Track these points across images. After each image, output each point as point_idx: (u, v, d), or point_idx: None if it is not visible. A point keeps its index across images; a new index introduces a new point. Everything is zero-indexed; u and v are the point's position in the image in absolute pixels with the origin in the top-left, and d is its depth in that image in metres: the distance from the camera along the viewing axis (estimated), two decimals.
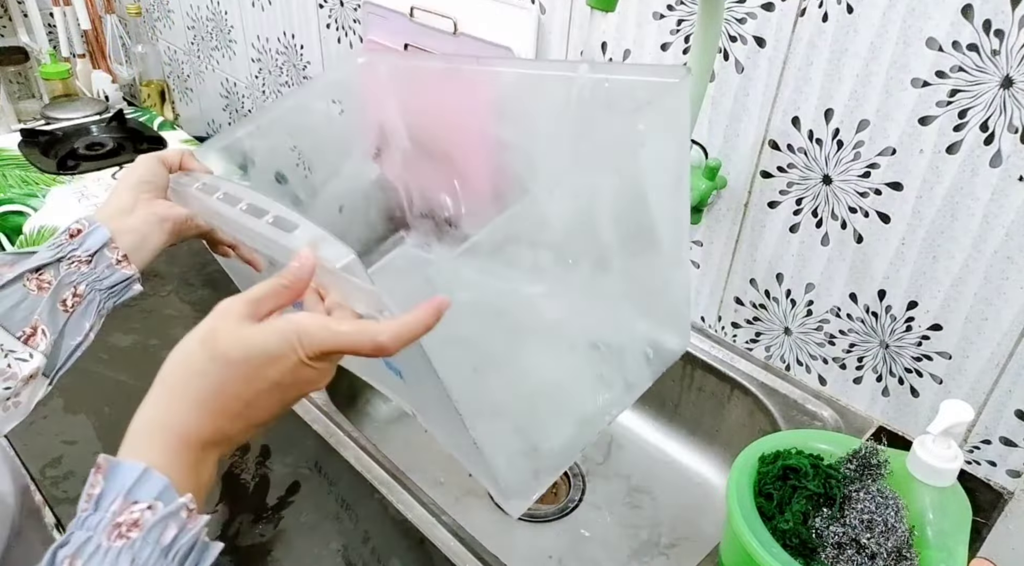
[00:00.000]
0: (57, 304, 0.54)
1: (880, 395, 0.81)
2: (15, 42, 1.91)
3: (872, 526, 0.57)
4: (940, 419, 0.56)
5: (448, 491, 0.90)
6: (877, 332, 0.78)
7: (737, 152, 0.82)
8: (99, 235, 0.56)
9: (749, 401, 0.87)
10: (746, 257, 0.86)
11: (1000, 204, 0.65)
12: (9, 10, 1.89)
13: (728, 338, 0.93)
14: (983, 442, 0.74)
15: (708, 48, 0.73)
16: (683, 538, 0.86)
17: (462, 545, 0.66)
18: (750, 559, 0.56)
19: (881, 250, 0.74)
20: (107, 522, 0.35)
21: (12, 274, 0.52)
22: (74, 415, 0.78)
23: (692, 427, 0.96)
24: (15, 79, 1.87)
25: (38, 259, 0.53)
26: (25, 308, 0.52)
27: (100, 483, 0.37)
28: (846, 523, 0.57)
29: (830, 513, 0.58)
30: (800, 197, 0.78)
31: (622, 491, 0.92)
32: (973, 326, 0.71)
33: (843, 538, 0.57)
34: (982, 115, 0.63)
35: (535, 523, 0.87)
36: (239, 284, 0.67)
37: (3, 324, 0.51)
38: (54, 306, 0.53)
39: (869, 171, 0.72)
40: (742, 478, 0.61)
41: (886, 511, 0.57)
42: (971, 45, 0.62)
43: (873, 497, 0.58)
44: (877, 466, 0.60)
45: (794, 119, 0.75)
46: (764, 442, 0.65)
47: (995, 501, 0.73)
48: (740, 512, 0.58)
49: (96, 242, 0.55)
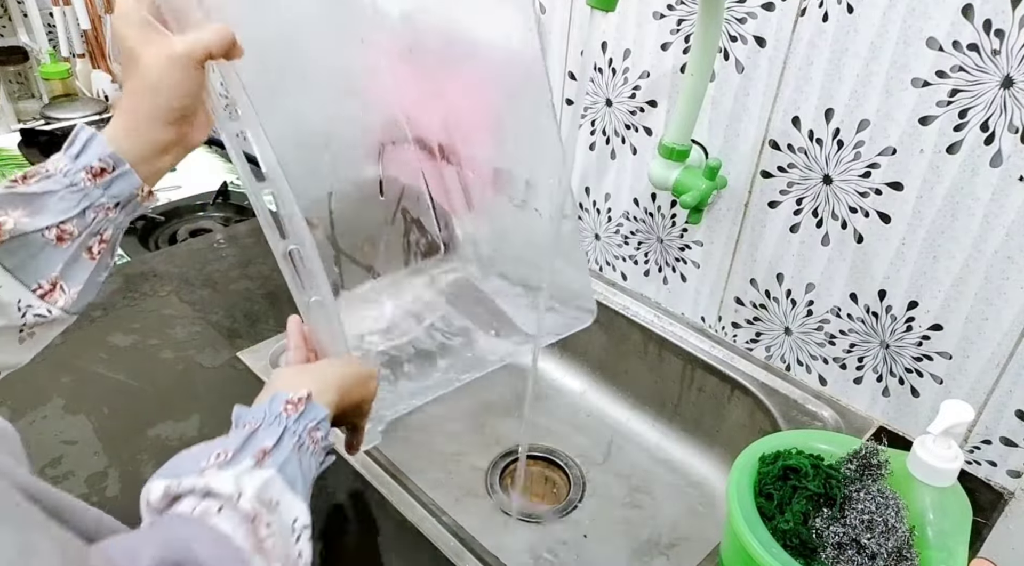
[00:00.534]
0: (83, 254, 0.50)
1: (880, 395, 0.81)
2: (15, 42, 1.91)
3: (872, 526, 0.56)
4: (940, 419, 0.56)
5: (448, 491, 0.90)
6: (877, 332, 0.78)
7: (737, 152, 0.82)
8: (129, 182, 0.51)
9: (749, 401, 0.87)
10: (746, 257, 0.86)
11: (1000, 204, 0.65)
12: (9, 10, 1.89)
13: (728, 338, 0.93)
14: (983, 442, 0.74)
15: (708, 48, 0.73)
16: (683, 538, 0.86)
17: (462, 545, 0.66)
18: (750, 559, 0.56)
19: (881, 250, 0.74)
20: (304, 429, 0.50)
21: (32, 227, 0.47)
22: (74, 415, 0.78)
23: (692, 427, 0.96)
24: (15, 79, 1.87)
25: (61, 213, 0.48)
26: (43, 259, 0.48)
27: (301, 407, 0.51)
28: (846, 523, 0.57)
29: (830, 513, 0.58)
30: (800, 197, 0.78)
31: (622, 491, 0.92)
32: (973, 326, 0.71)
33: (843, 538, 0.57)
34: (982, 115, 0.63)
35: (535, 523, 0.87)
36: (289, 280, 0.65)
37: (18, 276, 0.47)
38: (78, 257, 0.50)
39: (869, 171, 0.72)
40: (742, 478, 0.61)
41: (886, 511, 0.57)
42: (971, 45, 0.62)
43: (873, 497, 0.58)
44: (877, 466, 0.60)
45: (794, 119, 0.75)
46: (764, 442, 0.65)
47: (995, 501, 0.73)
48: (740, 512, 0.58)
49: (125, 190, 0.51)
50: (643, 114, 0.89)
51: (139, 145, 0.51)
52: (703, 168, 0.81)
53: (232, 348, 0.89)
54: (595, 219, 1.02)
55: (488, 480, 0.92)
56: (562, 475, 0.94)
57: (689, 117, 0.78)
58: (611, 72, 0.90)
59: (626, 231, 0.99)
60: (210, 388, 0.83)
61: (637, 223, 0.97)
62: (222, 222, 1.37)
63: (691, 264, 0.93)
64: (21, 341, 0.49)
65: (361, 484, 0.72)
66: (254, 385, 0.82)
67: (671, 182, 0.83)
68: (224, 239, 1.14)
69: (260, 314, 0.95)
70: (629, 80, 0.89)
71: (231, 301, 0.98)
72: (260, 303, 0.98)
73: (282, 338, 0.90)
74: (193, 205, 1.40)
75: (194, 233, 1.31)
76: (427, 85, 0.74)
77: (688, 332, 0.94)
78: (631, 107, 0.90)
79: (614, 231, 1.00)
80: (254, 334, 0.91)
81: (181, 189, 1.42)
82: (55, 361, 0.85)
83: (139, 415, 0.78)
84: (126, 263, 1.08)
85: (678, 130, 0.80)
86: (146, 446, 0.75)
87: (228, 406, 0.51)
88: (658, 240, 0.95)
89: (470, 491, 0.90)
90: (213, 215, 1.40)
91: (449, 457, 0.95)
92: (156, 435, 0.76)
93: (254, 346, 0.89)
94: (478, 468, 0.94)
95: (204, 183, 1.44)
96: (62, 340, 0.88)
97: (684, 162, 0.83)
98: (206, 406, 0.80)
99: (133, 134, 0.51)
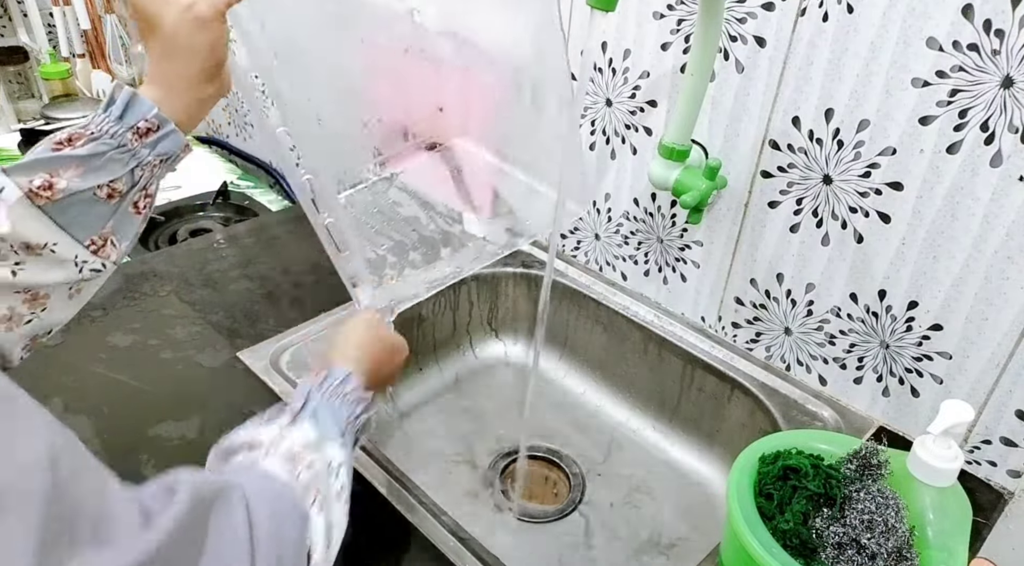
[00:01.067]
0: (130, 209, 0.52)
1: (880, 395, 0.81)
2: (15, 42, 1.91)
3: (872, 526, 0.56)
4: (940, 419, 0.56)
5: (448, 491, 0.90)
6: (877, 332, 0.78)
7: (737, 152, 0.82)
8: (174, 141, 0.53)
9: (749, 401, 0.87)
10: (746, 257, 0.86)
11: (1000, 204, 0.65)
12: (9, 10, 1.89)
13: (728, 338, 0.93)
14: (983, 442, 0.74)
15: (708, 48, 0.73)
16: (683, 538, 0.86)
17: (462, 545, 0.66)
18: (750, 559, 0.56)
19: (881, 250, 0.74)
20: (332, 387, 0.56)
21: (84, 186, 0.49)
22: (74, 415, 0.78)
23: (692, 427, 0.96)
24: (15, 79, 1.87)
25: (111, 173, 0.50)
26: (95, 216, 0.50)
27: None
28: (846, 523, 0.57)
29: (830, 513, 0.58)
30: (800, 197, 0.78)
31: (622, 491, 0.92)
32: (973, 326, 0.71)
33: (843, 538, 0.57)
34: (982, 115, 0.63)
35: (535, 523, 0.87)
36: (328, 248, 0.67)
37: (72, 232, 0.49)
38: (127, 212, 0.52)
39: (869, 171, 0.72)
40: (742, 478, 0.61)
41: (886, 511, 0.57)
42: (971, 45, 0.62)
43: (873, 497, 0.58)
44: (877, 466, 0.60)
45: (794, 119, 0.75)
46: (764, 442, 0.65)
47: (995, 501, 0.73)
48: (740, 512, 0.58)
49: (170, 148, 0.53)
50: (643, 114, 0.89)
51: (182, 103, 0.53)
52: (703, 168, 0.81)
53: (232, 348, 0.89)
54: (595, 219, 1.02)
55: (488, 480, 0.92)
56: (562, 475, 0.94)
57: (689, 117, 0.78)
58: (611, 72, 0.90)
59: (626, 231, 0.99)
60: (210, 388, 0.83)
61: (637, 223, 0.97)
62: (222, 222, 1.37)
63: (691, 264, 0.93)
64: (70, 297, 0.52)
65: (361, 484, 0.72)
66: (254, 385, 0.82)
67: (671, 182, 0.83)
68: (224, 239, 1.14)
69: (260, 314, 0.95)
70: (629, 80, 0.89)
71: (231, 301, 0.98)
72: (260, 303, 0.98)
73: (282, 338, 0.90)
74: (193, 205, 1.40)
75: (194, 233, 1.31)
76: (429, 82, 0.74)
77: (688, 332, 0.94)
78: (631, 107, 0.90)
79: (614, 231, 1.00)
80: (254, 334, 0.91)
81: (181, 189, 1.42)
82: (55, 361, 0.85)
83: (139, 415, 0.78)
84: (126, 263, 1.08)
85: (678, 130, 0.80)
86: (146, 446, 0.75)
87: (228, 406, 0.52)
88: (658, 240, 0.95)
89: (470, 491, 0.90)
90: (213, 215, 1.40)
91: (449, 457, 0.95)
92: (156, 435, 0.76)
93: (254, 346, 0.89)
94: (478, 468, 0.94)
95: (204, 183, 1.44)
96: (62, 339, 0.88)
97: (684, 162, 0.83)
98: (206, 406, 0.80)
99: (174, 94, 0.52)
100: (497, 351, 1.11)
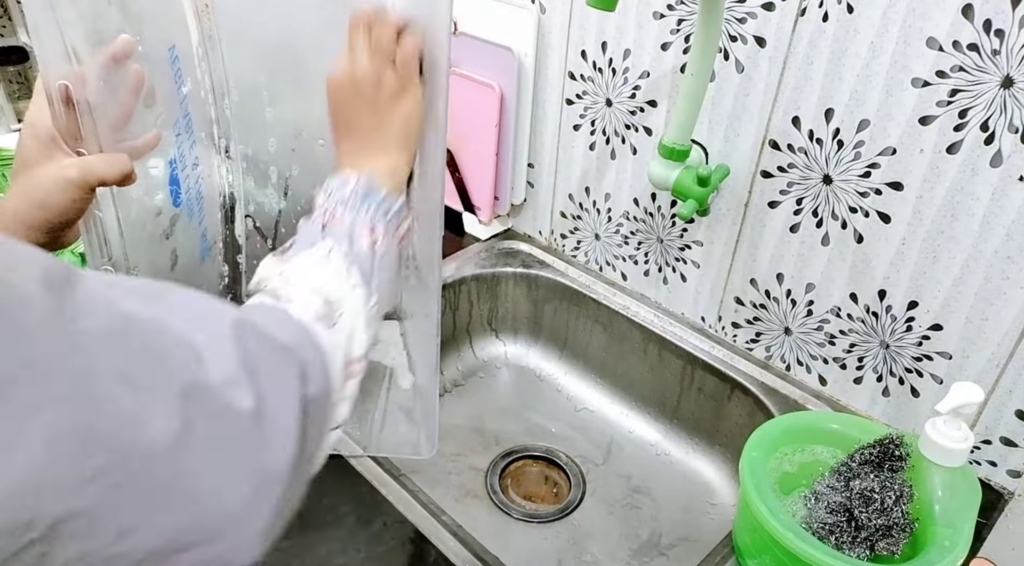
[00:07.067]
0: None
1: (880, 395, 0.81)
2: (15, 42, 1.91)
3: (868, 502, 0.58)
4: (950, 398, 0.57)
5: (448, 491, 0.90)
6: (877, 332, 0.78)
7: (737, 152, 0.82)
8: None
9: (749, 401, 0.87)
10: (746, 257, 0.86)
11: (1000, 204, 0.65)
12: (9, 10, 1.89)
13: (728, 338, 0.93)
14: (983, 442, 0.74)
15: (708, 48, 0.73)
16: (683, 538, 0.86)
17: (462, 545, 0.66)
18: (759, 526, 0.57)
19: (881, 250, 0.74)
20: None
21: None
22: None
23: (692, 427, 0.96)
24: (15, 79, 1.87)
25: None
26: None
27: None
28: (848, 495, 0.59)
29: (834, 483, 0.61)
30: (800, 197, 0.78)
31: (622, 491, 0.92)
32: (973, 326, 0.71)
33: (836, 506, 0.59)
34: (982, 115, 0.63)
35: (535, 523, 0.87)
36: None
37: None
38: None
39: (869, 171, 0.72)
40: (758, 454, 0.65)
41: (886, 493, 0.58)
42: (971, 45, 0.62)
43: (882, 480, 0.59)
44: (899, 458, 0.61)
45: (794, 119, 0.75)
46: (783, 420, 0.68)
47: (995, 501, 0.73)
48: (752, 482, 0.61)
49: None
50: (643, 114, 0.89)
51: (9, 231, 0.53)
52: (694, 177, 0.81)
53: None
54: (595, 219, 1.02)
55: (488, 480, 0.92)
56: (562, 475, 0.94)
57: (689, 117, 0.78)
58: (611, 72, 0.90)
59: (626, 231, 0.99)
60: None
61: (637, 223, 0.97)
62: None
63: (691, 264, 0.93)
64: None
65: (361, 484, 0.72)
66: None
67: (671, 182, 0.83)
68: None
69: None
70: (629, 80, 0.89)
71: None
72: None
73: None
74: None
75: None
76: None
77: (688, 332, 0.94)
78: (631, 107, 0.90)
79: (614, 231, 1.00)
80: None
81: None
82: None
83: None
84: None
85: (678, 130, 0.80)
86: None
87: None
88: (658, 240, 0.95)
89: (470, 491, 0.90)
90: None
91: (449, 457, 0.95)
92: None
93: None
94: (478, 468, 0.94)
95: None
96: None
97: (684, 162, 0.83)
98: None
99: (10, 231, 0.52)
100: (497, 351, 1.11)
